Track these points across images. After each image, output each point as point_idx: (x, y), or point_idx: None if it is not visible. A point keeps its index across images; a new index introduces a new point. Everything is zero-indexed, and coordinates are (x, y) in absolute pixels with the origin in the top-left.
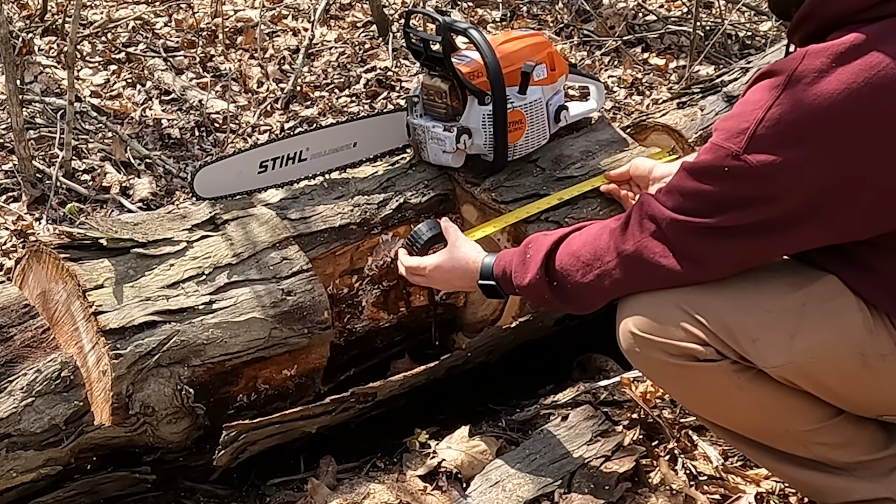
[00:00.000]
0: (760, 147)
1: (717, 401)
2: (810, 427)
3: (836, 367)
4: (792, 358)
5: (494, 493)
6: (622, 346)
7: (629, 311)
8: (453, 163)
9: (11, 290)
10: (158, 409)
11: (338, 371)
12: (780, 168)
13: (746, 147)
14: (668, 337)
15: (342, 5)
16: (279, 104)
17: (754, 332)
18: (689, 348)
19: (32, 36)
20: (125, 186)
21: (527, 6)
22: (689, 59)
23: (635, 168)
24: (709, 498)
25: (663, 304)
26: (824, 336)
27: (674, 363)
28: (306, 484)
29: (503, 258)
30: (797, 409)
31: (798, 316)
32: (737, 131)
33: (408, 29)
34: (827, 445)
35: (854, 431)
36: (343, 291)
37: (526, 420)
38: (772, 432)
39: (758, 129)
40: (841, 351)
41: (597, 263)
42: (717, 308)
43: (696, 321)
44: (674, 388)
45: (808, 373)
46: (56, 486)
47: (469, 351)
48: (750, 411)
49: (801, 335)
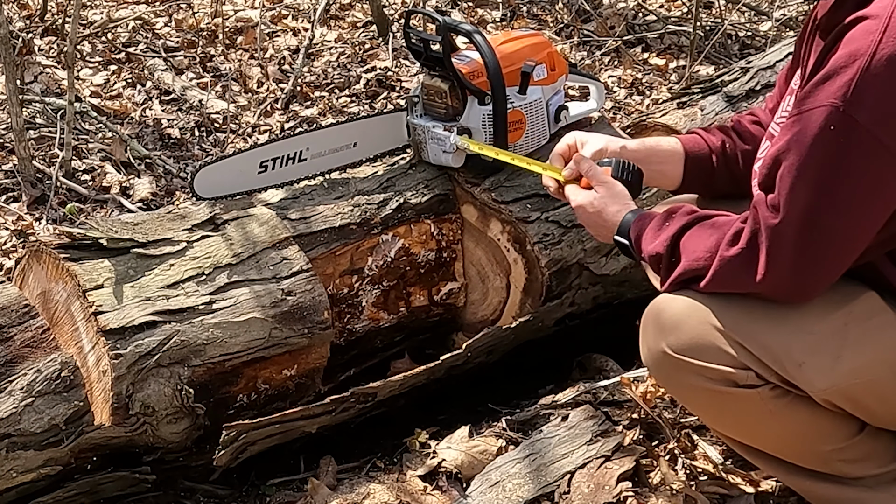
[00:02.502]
0: (869, 95)
1: (748, 424)
2: (834, 447)
3: (878, 387)
4: (837, 381)
5: (494, 493)
6: (650, 365)
7: (663, 330)
8: (453, 163)
9: (11, 290)
10: (158, 409)
11: (338, 371)
12: (889, 121)
13: (852, 101)
14: (708, 361)
15: (342, 5)
16: (279, 104)
17: (799, 355)
18: (729, 373)
19: (32, 36)
20: (125, 186)
21: (527, 6)
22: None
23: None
24: (709, 498)
25: (702, 325)
26: (868, 356)
27: (710, 388)
28: (306, 484)
29: (643, 218)
30: (825, 432)
31: (842, 337)
32: (838, 86)
33: (408, 29)
34: (846, 462)
35: (872, 446)
36: (343, 291)
37: (526, 420)
38: (795, 451)
39: (863, 77)
40: (883, 370)
41: (710, 250)
42: (759, 331)
43: (736, 345)
44: (703, 411)
45: (851, 395)
46: (56, 486)
47: (469, 351)
48: (779, 436)
49: (846, 357)
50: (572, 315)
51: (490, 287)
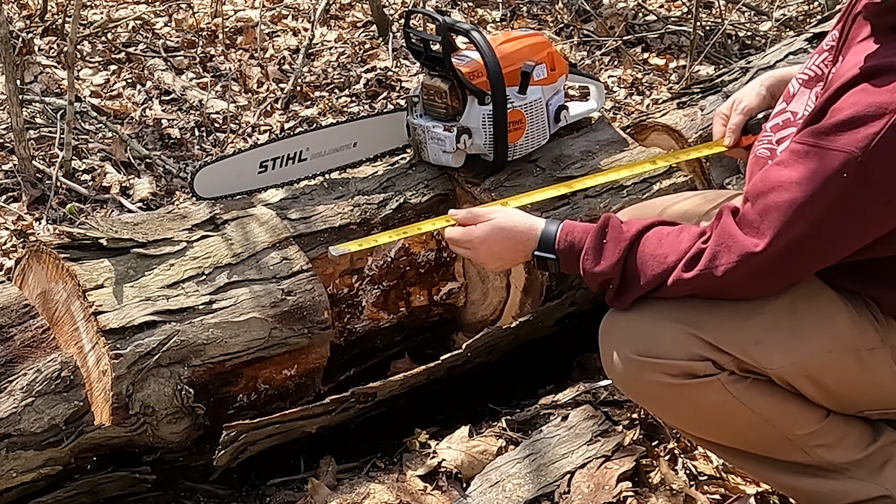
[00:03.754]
0: (891, 152)
1: (717, 417)
2: (808, 430)
3: (834, 365)
4: (794, 357)
5: (494, 493)
6: (612, 373)
7: (621, 336)
8: (453, 163)
9: (11, 290)
10: (158, 409)
11: (338, 371)
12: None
13: (873, 151)
14: (666, 357)
15: (342, 5)
16: (279, 104)
17: (755, 335)
18: (686, 366)
19: (32, 36)
20: (125, 186)
21: (527, 6)
22: (689, 59)
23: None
24: (709, 498)
25: (656, 323)
26: (819, 333)
27: (672, 384)
28: (306, 484)
29: (571, 232)
30: (795, 414)
31: (792, 315)
32: (863, 136)
33: (408, 29)
34: (825, 447)
35: (845, 428)
36: (343, 291)
37: (526, 420)
38: (773, 442)
39: (888, 133)
40: (836, 346)
41: (667, 269)
42: (712, 320)
43: (691, 337)
44: (672, 411)
45: (808, 372)
46: (56, 486)
47: (469, 351)
48: (751, 424)
49: (800, 333)
50: (572, 315)
51: (490, 287)
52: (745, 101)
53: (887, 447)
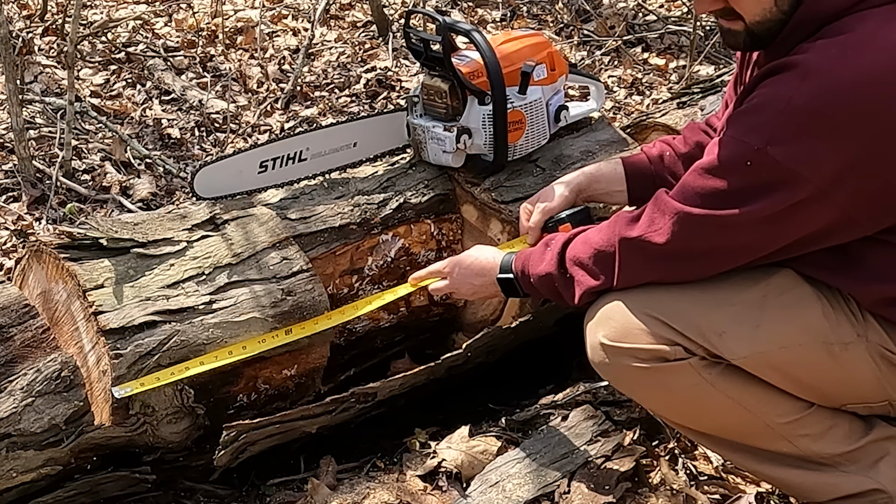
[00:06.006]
0: (783, 139)
1: (693, 402)
2: (788, 419)
3: (804, 357)
4: (758, 348)
5: (494, 493)
6: (593, 360)
7: (596, 324)
8: (453, 163)
9: (11, 290)
10: (158, 409)
11: (338, 371)
12: (802, 158)
13: (769, 140)
14: (637, 342)
15: (342, 5)
16: (279, 104)
17: (720, 325)
18: (657, 350)
19: (32, 36)
20: (125, 186)
21: (527, 6)
22: (689, 59)
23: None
24: (709, 498)
25: (629, 311)
26: (787, 326)
27: (645, 367)
28: (306, 484)
29: (524, 253)
30: (771, 401)
31: (760, 308)
32: (757, 125)
33: (408, 29)
34: (809, 437)
35: (832, 419)
36: (343, 291)
37: (526, 420)
38: (752, 429)
39: (780, 122)
40: (806, 340)
41: (603, 250)
42: (682, 308)
43: (662, 324)
44: (649, 397)
45: (775, 364)
46: (56, 486)
47: (469, 351)
48: (726, 408)
49: (765, 325)
50: (572, 315)
51: None
52: (546, 202)
53: (881, 442)
